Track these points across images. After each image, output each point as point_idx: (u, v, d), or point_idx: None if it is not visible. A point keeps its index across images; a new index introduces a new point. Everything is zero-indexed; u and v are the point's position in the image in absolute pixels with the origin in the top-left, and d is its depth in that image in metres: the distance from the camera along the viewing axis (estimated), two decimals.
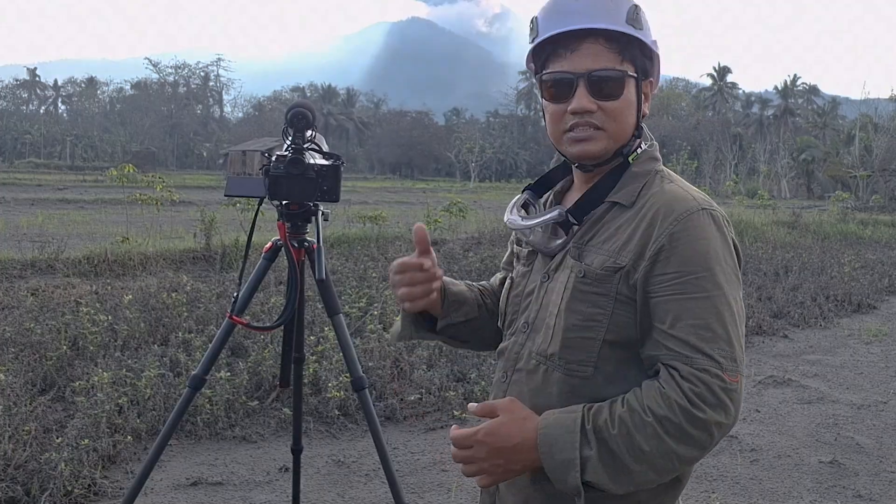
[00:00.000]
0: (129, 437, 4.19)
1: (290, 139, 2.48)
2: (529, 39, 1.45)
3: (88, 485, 3.72)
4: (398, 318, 1.62)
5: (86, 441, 3.92)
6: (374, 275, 8.51)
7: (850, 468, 4.45)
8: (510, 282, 1.56)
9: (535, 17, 1.43)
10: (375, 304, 7.00)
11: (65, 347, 5.37)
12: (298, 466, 3.05)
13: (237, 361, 5.38)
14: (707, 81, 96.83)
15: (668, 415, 1.22)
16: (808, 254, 13.94)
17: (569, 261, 1.41)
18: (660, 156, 1.48)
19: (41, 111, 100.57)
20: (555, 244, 1.45)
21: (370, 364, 5.39)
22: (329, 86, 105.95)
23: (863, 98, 61.81)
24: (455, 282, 1.62)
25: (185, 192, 22.49)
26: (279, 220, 2.59)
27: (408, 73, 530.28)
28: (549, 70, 1.40)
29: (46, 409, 4.47)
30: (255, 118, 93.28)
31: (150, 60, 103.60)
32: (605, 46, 1.36)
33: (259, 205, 2.68)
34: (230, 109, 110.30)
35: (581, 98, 1.36)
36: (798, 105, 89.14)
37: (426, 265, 1.46)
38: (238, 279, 2.70)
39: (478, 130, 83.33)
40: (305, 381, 4.90)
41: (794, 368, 6.70)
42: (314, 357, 5.34)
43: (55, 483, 3.60)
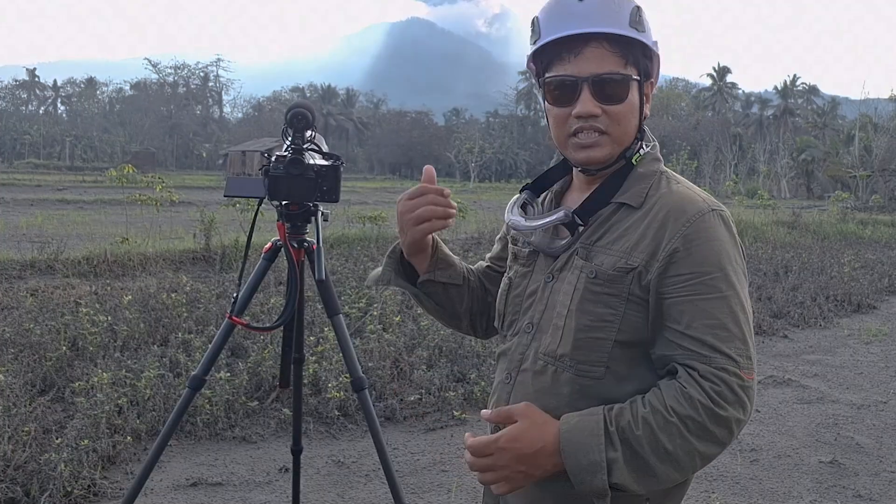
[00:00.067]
0: (129, 438, 4.19)
1: (290, 139, 2.47)
2: (531, 41, 1.43)
3: (88, 485, 3.72)
4: (382, 265, 1.60)
5: (85, 442, 3.91)
6: None
7: (850, 468, 4.45)
8: (509, 282, 1.54)
9: (536, 18, 1.41)
10: (375, 305, 6.99)
11: (64, 348, 5.37)
12: (298, 467, 3.04)
13: (237, 362, 5.38)
14: (707, 81, 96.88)
15: (692, 414, 1.23)
16: (808, 254, 13.95)
17: (577, 261, 1.40)
18: (661, 156, 1.49)
19: (40, 112, 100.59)
20: (558, 245, 1.44)
21: (370, 364, 5.39)
22: (329, 86, 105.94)
23: (862, 98, 61.83)
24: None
25: (185, 193, 22.49)
26: (279, 221, 2.58)
27: (407, 74, 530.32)
28: (553, 73, 1.39)
29: (46, 410, 4.47)
30: (255, 118, 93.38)
31: (150, 61, 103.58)
32: (609, 50, 1.35)
33: (259, 205, 2.67)
34: (230, 110, 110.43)
35: (586, 102, 1.35)
36: (798, 105, 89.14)
37: (447, 192, 1.45)
38: (238, 280, 2.69)
39: (477, 131, 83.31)
40: (305, 382, 4.90)
41: (794, 368, 6.70)
42: (314, 357, 5.33)
43: (55, 484, 3.60)
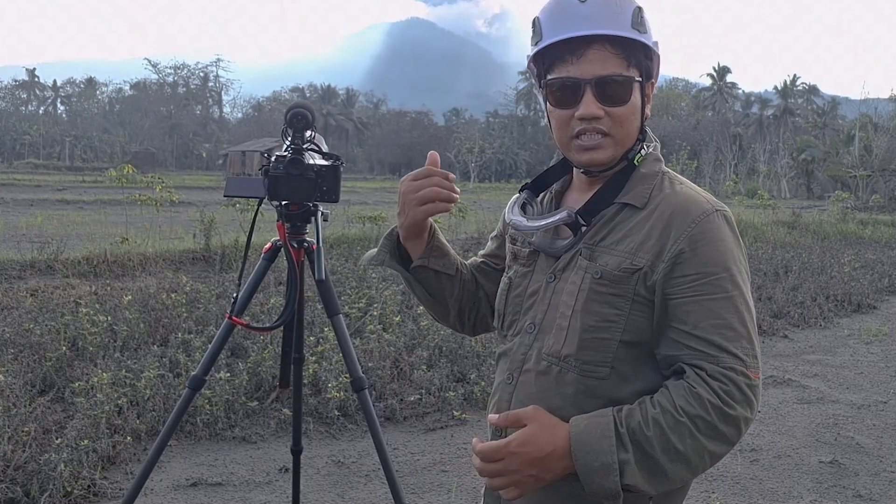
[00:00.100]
0: (129, 438, 4.19)
1: (290, 139, 2.47)
2: (532, 42, 1.42)
3: (88, 486, 3.72)
4: (380, 245, 1.60)
5: (85, 442, 3.91)
6: (374, 275, 8.50)
7: (850, 468, 4.45)
8: (508, 282, 1.54)
9: (538, 19, 1.40)
10: (375, 305, 6.99)
11: (64, 348, 5.37)
12: (298, 467, 3.04)
13: (237, 362, 5.38)
14: (707, 81, 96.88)
15: (702, 413, 1.24)
16: (808, 254, 13.95)
17: (580, 261, 1.40)
18: (661, 156, 1.49)
19: (40, 112, 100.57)
20: (560, 245, 1.44)
21: (370, 364, 5.39)
22: (328, 86, 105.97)
23: (862, 98, 61.85)
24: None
25: (185, 193, 22.49)
26: (278, 221, 2.58)
27: (407, 74, 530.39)
28: (555, 75, 1.38)
29: (46, 410, 4.47)
30: (255, 119, 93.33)
31: (150, 61, 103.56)
32: (612, 52, 1.35)
33: (258, 205, 2.67)
34: (229, 110, 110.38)
35: (589, 104, 1.35)
36: (798, 105, 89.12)
37: (452, 177, 1.45)
38: (237, 280, 2.69)
39: (477, 131, 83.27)
40: (305, 382, 4.90)
41: (794, 368, 6.70)
42: (314, 357, 5.33)
43: (55, 484, 3.60)
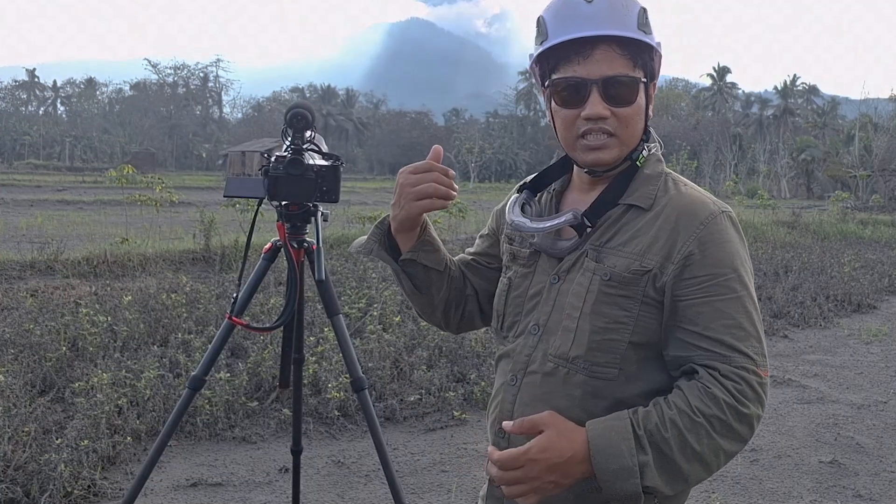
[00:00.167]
0: (129, 438, 4.19)
1: (290, 140, 2.48)
2: (536, 41, 1.42)
3: (88, 486, 3.72)
4: (370, 234, 1.58)
5: (85, 442, 3.91)
6: (374, 275, 8.50)
7: (850, 468, 4.45)
8: (508, 282, 1.53)
9: (542, 18, 1.40)
10: (375, 305, 6.99)
11: (64, 348, 5.37)
12: (298, 467, 3.04)
13: (237, 362, 5.38)
14: (707, 81, 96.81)
15: (717, 413, 1.25)
16: (808, 254, 13.94)
17: (587, 263, 1.39)
18: (662, 157, 1.49)
19: (40, 112, 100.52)
20: (563, 246, 1.44)
21: (370, 365, 5.39)
22: (328, 86, 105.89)
23: (862, 98, 61.83)
24: None
25: (185, 193, 22.50)
26: (278, 221, 2.58)
27: (407, 74, 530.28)
28: (561, 75, 1.38)
29: (46, 411, 4.47)
30: (255, 119, 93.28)
31: (150, 61, 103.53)
32: (619, 52, 1.35)
33: (258, 205, 2.68)
34: (229, 110, 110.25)
35: (595, 104, 1.35)
36: (798, 105, 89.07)
37: (452, 173, 1.45)
38: (237, 280, 2.69)
39: (477, 131, 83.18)
40: (305, 382, 4.90)
41: (794, 368, 6.70)
42: (314, 358, 5.33)
43: (55, 484, 3.60)
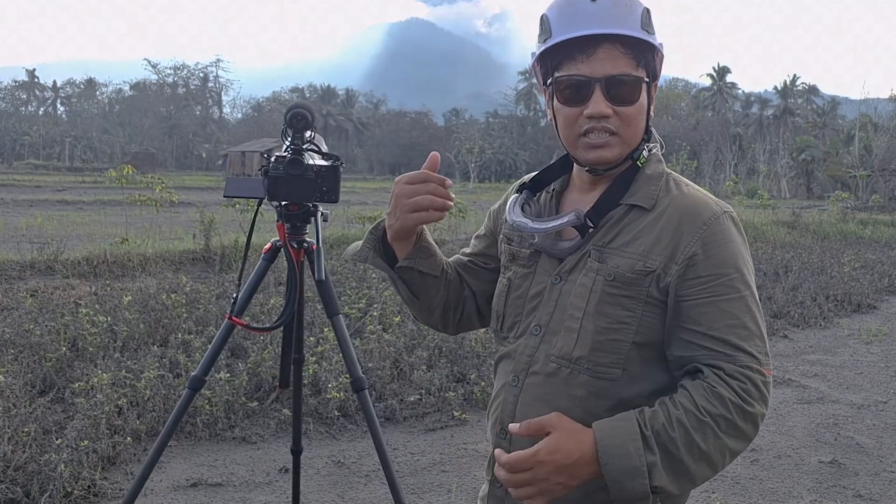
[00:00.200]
0: (129, 439, 4.19)
1: (289, 140, 2.47)
2: (539, 39, 1.42)
3: (88, 486, 3.72)
4: (363, 239, 1.57)
5: (85, 442, 3.91)
6: (374, 275, 8.50)
7: (850, 468, 4.45)
8: (508, 283, 1.52)
9: (546, 17, 1.40)
10: (375, 305, 6.99)
11: (64, 349, 5.37)
12: (298, 467, 3.04)
13: (237, 362, 5.38)
14: (706, 81, 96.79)
15: (723, 412, 1.26)
16: (808, 254, 13.95)
17: (590, 263, 1.39)
18: (662, 157, 1.49)
19: (40, 112, 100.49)
20: (564, 246, 1.43)
21: (370, 365, 5.39)
22: (328, 86, 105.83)
23: (862, 98, 61.82)
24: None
25: (185, 193, 22.50)
26: (278, 221, 2.58)
27: (407, 74, 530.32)
28: (564, 73, 1.38)
29: (46, 411, 4.47)
30: (255, 119, 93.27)
31: (150, 61, 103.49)
32: (622, 52, 1.36)
33: (258, 206, 2.68)
34: (229, 110, 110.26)
35: (598, 103, 1.36)
36: (798, 105, 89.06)
37: (449, 183, 1.43)
38: (237, 280, 2.69)
39: (477, 131, 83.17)
40: (305, 382, 4.90)
41: (794, 368, 6.70)
42: (314, 358, 5.33)
43: (55, 484, 3.60)
